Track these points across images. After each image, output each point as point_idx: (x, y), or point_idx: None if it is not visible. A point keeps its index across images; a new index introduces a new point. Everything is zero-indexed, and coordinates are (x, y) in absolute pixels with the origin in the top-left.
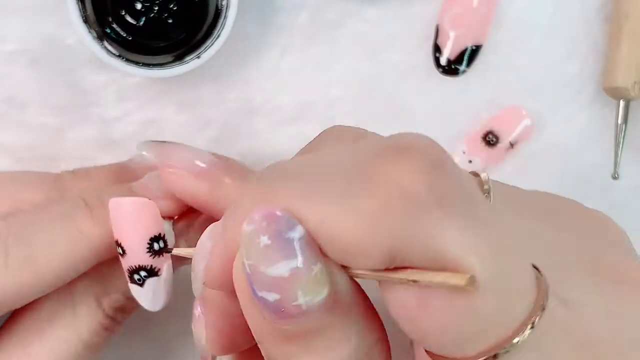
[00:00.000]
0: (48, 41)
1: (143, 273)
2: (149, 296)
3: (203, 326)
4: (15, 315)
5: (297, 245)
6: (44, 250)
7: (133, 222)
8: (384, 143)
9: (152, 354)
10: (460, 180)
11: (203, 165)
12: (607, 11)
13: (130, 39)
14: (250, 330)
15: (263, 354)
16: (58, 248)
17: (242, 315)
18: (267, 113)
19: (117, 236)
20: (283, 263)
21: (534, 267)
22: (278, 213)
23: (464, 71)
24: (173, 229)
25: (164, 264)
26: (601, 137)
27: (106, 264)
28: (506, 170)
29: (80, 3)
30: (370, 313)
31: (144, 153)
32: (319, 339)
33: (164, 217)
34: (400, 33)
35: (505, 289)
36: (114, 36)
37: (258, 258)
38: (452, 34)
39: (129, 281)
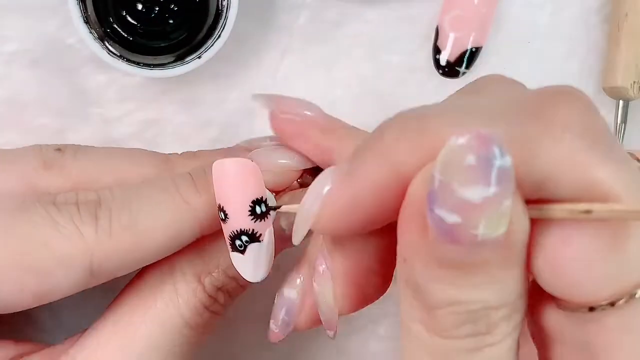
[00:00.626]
0: (49, 41)
1: (245, 238)
2: (251, 264)
3: (330, 281)
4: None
5: (500, 174)
6: (147, 218)
7: (235, 182)
8: (546, 88)
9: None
10: (608, 127)
11: (311, 114)
12: (606, 11)
13: (131, 39)
14: (382, 278)
15: (401, 272)
16: (161, 216)
17: (375, 257)
18: (267, 113)
19: (220, 199)
20: (480, 188)
21: None
22: (491, 135)
23: (464, 73)
24: (275, 200)
25: (266, 230)
26: None
27: (209, 240)
28: None
29: (81, 3)
30: (526, 263)
31: (257, 102)
32: (474, 273)
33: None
34: (400, 34)
35: None
36: (115, 36)
37: (455, 175)
38: (452, 36)
39: (230, 249)
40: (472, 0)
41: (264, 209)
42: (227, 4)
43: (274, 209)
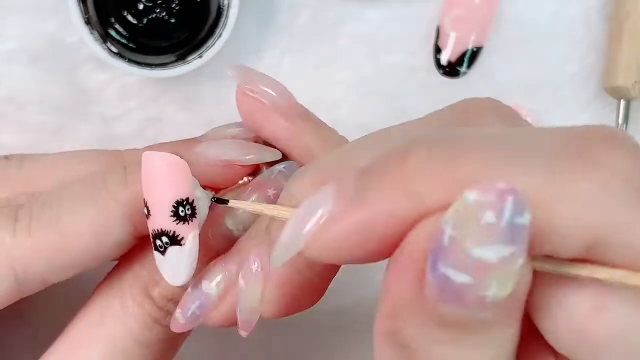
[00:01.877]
0: (48, 40)
1: (165, 239)
2: (170, 267)
3: (260, 282)
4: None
5: (518, 233)
6: (69, 214)
7: (160, 179)
8: (589, 128)
9: None
10: None
11: (274, 94)
12: (607, 11)
13: (132, 39)
14: (317, 291)
15: (383, 325)
16: (84, 211)
17: (317, 271)
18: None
19: (145, 194)
20: (497, 248)
21: None
22: (513, 191)
23: (464, 72)
24: (212, 200)
25: (190, 234)
26: None
27: (152, 249)
28: None
29: (82, 4)
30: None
31: (229, 73)
32: (475, 333)
33: (205, 187)
34: (401, 34)
35: None
36: (116, 36)
37: (471, 233)
38: (452, 35)
39: (153, 247)
40: (473, 0)
41: (188, 211)
42: (228, 3)
43: (222, 202)
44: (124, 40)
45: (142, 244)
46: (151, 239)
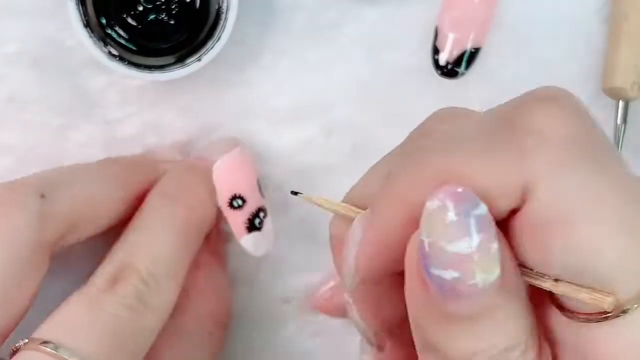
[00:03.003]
0: (49, 43)
1: (262, 214)
2: (268, 237)
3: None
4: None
5: (479, 222)
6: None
7: (245, 168)
8: (524, 96)
9: None
10: (600, 132)
11: None
12: (606, 12)
13: (132, 40)
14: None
15: (417, 338)
16: None
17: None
18: (266, 115)
19: (235, 189)
20: (466, 240)
21: None
22: (461, 190)
23: (463, 73)
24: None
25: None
26: None
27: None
28: None
29: (81, 6)
30: (527, 297)
31: None
32: (483, 320)
33: None
34: (399, 34)
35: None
36: (116, 38)
37: (441, 234)
38: (451, 36)
39: (246, 233)
40: (472, 1)
41: (260, 184)
42: (227, 5)
43: (295, 193)
44: (123, 42)
45: None
46: (245, 227)
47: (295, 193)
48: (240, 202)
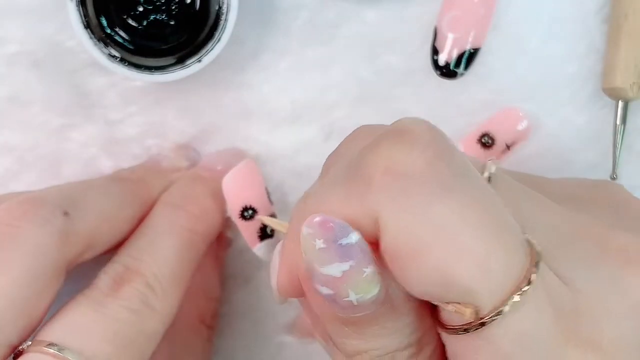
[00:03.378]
0: (49, 44)
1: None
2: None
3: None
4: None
5: (349, 250)
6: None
7: (254, 178)
8: (381, 130)
9: None
10: (453, 158)
11: None
12: (605, 12)
13: (132, 41)
14: None
15: (319, 332)
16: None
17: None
18: (266, 115)
19: (243, 201)
20: (335, 265)
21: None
22: (330, 222)
23: (462, 74)
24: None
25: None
26: (599, 137)
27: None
28: None
29: (81, 8)
30: (420, 311)
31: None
32: (369, 326)
33: None
34: (398, 35)
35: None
36: (116, 39)
37: (313, 258)
38: (450, 36)
39: (258, 242)
40: (471, 1)
41: (269, 192)
42: (227, 6)
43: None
44: (124, 43)
45: None
46: (257, 236)
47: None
48: (251, 212)
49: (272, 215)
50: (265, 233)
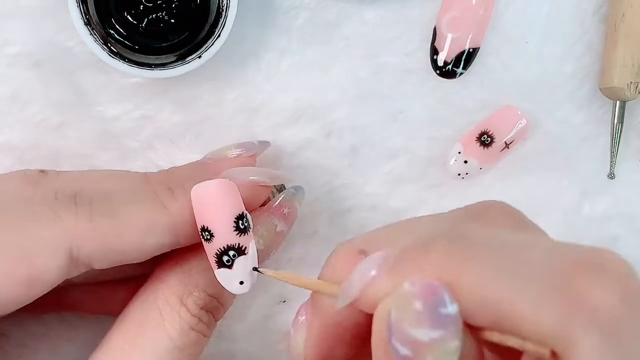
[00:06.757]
0: (49, 44)
1: (232, 253)
2: (238, 278)
3: (303, 332)
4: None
5: (446, 320)
6: (126, 210)
7: (220, 202)
8: (581, 255)
9: None
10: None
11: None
12: (603, 12)
13: (132, 39)
14: (351, 348)
15: None
16: (140, 210)
17: (350, 331)
18: (266, 114)
19: (203, 221)
20: (426, 330)
21: None
22: (439, 289)
23: (461, 73)
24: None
25: (249, 242)
26: (597, 137)
27: (184, 262)
28: (502, 171)
29: (82, 5)
30: None
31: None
32: None
33: None
34: (398, 35)
35: None
36: (117, 36)
37: (406, 316)
38: (449, 36)
39: (216, 267)
40: (470, 1)
41: (246, 223)
42: (227, 3)
43: (256, 270)
44: (124, 41)
45: (172, 257)
46: (213, 261)
47: (257, 270)
48: (207, 235)
49: (231, 249)
50: (221, 261)
